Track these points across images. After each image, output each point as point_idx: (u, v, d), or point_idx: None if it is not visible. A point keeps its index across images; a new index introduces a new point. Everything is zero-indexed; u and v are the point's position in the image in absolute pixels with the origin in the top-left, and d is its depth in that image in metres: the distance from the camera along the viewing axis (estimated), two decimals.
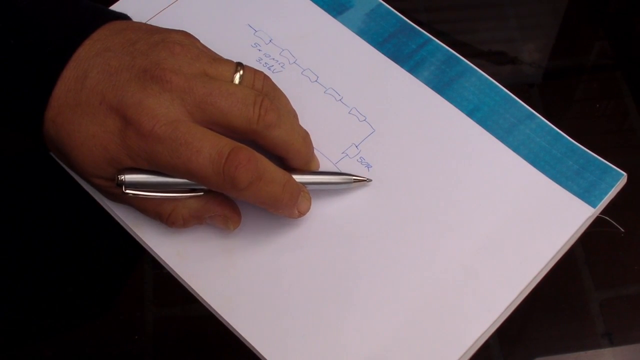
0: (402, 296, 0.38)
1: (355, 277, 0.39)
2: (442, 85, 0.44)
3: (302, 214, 0.39)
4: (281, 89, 0.40)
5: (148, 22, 0.46)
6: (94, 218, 0.41)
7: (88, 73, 0.36)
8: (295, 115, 0.41)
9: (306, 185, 0.39)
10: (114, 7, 0.47)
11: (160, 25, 0.39)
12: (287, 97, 0.41)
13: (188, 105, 0.35)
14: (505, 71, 0.48)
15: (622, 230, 0.41)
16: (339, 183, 0.40)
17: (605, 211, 0.41)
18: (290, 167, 0.39)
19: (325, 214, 0.40)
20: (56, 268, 0.40)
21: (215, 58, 0.38)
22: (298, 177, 0.39)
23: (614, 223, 0.41)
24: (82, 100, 0.35)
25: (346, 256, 0.39)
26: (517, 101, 0.44)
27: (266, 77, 0.39)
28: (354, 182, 0.40)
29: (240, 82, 0.38)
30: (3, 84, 0.36)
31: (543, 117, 0.43)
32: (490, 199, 0.41)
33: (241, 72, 0.38)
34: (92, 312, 0.40)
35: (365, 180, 0.41)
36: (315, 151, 0.41)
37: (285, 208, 0.38)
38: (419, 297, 0.38)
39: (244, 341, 0.37)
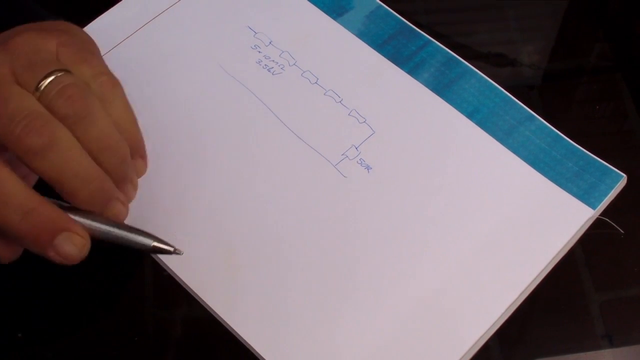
0: (402, 297, 0.38)
1: (355, 279, 0.39)
2: (442, 87, 0.44)
3: (64, 258, 0.31)
4: (281, 90, 0.40)
5: (149, 24, 0.46)
6: None
7: None
8: (113, 155, 0.33)
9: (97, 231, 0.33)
10: (114, 10, 0.47)
11: (160, 28, 0.39)
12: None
13: None
14: (505, 73, 0.48)
15: (622, 231, 0.41)
16: (131, 243, 0.33)
17: (605, 213, 0.41)
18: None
19: (324, 215, 0.40)
20: (56, 269, 0.40)
21: (34, 62, 0.32)
22: (79, 219, 0.32)
23: (614, 225, 0.41)
24: None
25: (345, 258, 0.39)
26: (516, 103, 0.44)
27: (77, 100, 0.31)
28: (153, 249, 0.33)
29: (42, 92, 0.31)
30: None
31: (543, 118, 0.43)
32: (490, 200, 0.41)
33: (48, 80, 0.31)
34: (93, 313, 0.40)
35: (170, 252, 0.34)
36: (315, 153, 0.42)
37: (29, 245, 0.31)
38: (419, 298, 0.38)
39: (244, 342, 0.37)
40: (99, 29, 0.45)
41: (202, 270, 0.39)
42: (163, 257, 0.39)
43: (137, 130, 0.36)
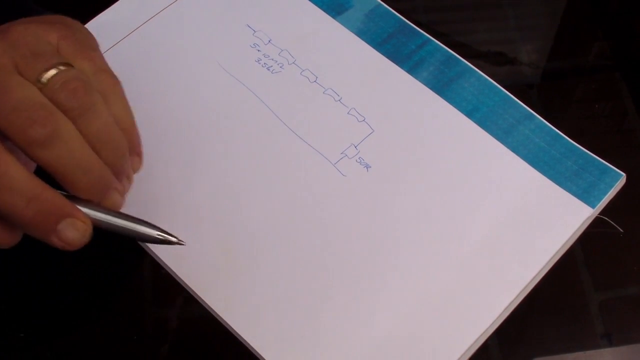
0: (401, 297, 0.38)
1: (355, 279, 0.39)
2: (441, 86, 0.44)
3: (66, 244, 0.32)
4: (280, 89, 0.40)
5: (147, 22, 0.46)
6: None
7: None
8: (113, 148, 0.33)
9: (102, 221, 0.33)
10: (113, 8, 0.47)
11: (160, 26, 0.39)
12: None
13: None
14: (504, 72, 0.48)
15: (621, 230, 0.41)
16: (134, 233, 0.34)
17: (604, 212, 0.41)
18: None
19: (323, 215, 0.40)
20: (56, 268, 0.40)
21: (35, 53, 0.32)
22: (85, 209, 0.32)
23: (613, 223, 0.41)
24: None
25: (345, 257, 0.39)
26: (516, 102, 0.44)
27: (82, 94, 0.32)
28: (156, 239, 0.34)
29: (45, 84, 0.31)
30: None
31: (542, 117, 0.43)
32: (489, 199, 0.41)
33: (51, 73, 0.31)
34: (91, 312, 0.40)
35: (173, 243, 0.34)
36: (314, 151, 0.41)
37: (32, 230, 0.31)
38: (418, 297, 0.38)
39: (243, 342, 0.37)
40: (97, 27, 0.45)
41: (201, 269, 0.39)
42: (163, 255, 0.39)
43: (135, 128, 0.36)
